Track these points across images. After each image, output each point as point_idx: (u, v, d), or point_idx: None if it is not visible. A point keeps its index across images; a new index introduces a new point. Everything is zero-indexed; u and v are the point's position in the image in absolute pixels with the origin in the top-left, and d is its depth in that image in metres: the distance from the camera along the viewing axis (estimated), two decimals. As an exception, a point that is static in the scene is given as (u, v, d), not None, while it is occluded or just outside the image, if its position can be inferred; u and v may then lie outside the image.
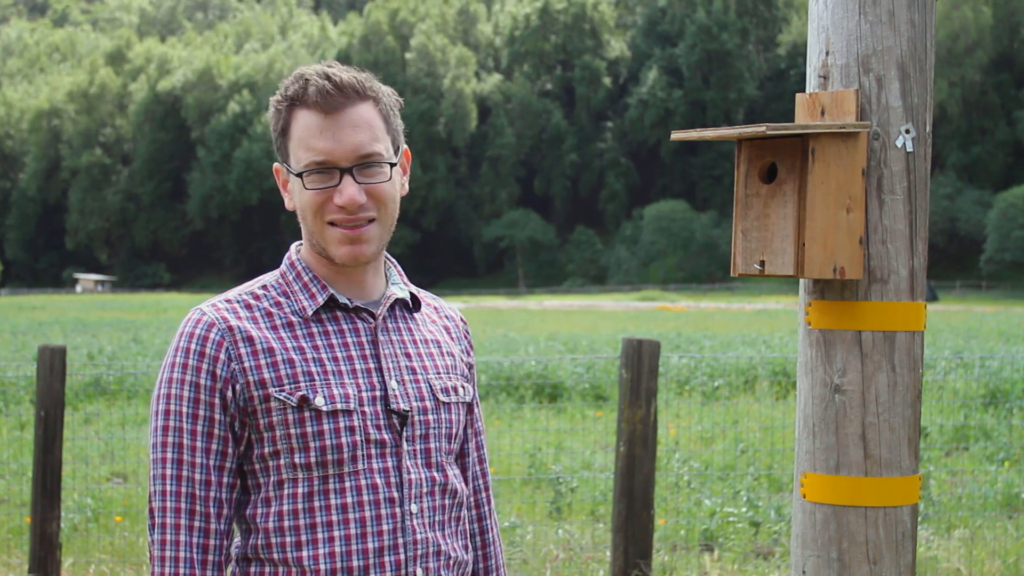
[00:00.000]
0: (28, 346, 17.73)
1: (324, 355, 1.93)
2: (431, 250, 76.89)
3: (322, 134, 1.90)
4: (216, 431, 1.89)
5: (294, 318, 1.95)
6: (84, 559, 6.20)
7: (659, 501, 7.10)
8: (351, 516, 1.89)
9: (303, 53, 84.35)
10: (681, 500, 7.44)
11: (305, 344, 1.93)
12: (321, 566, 1.87)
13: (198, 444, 1.88)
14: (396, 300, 2.04)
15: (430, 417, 1.98)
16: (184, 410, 1.88)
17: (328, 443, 1.88)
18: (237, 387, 1.89)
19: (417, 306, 2.09)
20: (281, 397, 1.88)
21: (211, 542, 1.88)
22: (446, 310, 2.17)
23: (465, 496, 2.07)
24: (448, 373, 2.05)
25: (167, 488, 1.88)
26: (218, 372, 1.89)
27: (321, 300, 1.96)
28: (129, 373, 11.10)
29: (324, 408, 1.89)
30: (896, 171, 1.83)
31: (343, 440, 1.89)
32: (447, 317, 2.15)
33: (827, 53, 1.87)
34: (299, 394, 1.88)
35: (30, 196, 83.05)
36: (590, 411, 11.05)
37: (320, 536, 1.88)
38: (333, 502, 1.89)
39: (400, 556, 1.90)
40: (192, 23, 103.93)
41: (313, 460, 1.88)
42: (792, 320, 30.42)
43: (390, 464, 1.92)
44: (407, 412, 1.95)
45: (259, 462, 1.91)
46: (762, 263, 1.84)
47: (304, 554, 1.88)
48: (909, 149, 1.84)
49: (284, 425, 1.88)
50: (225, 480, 1.90)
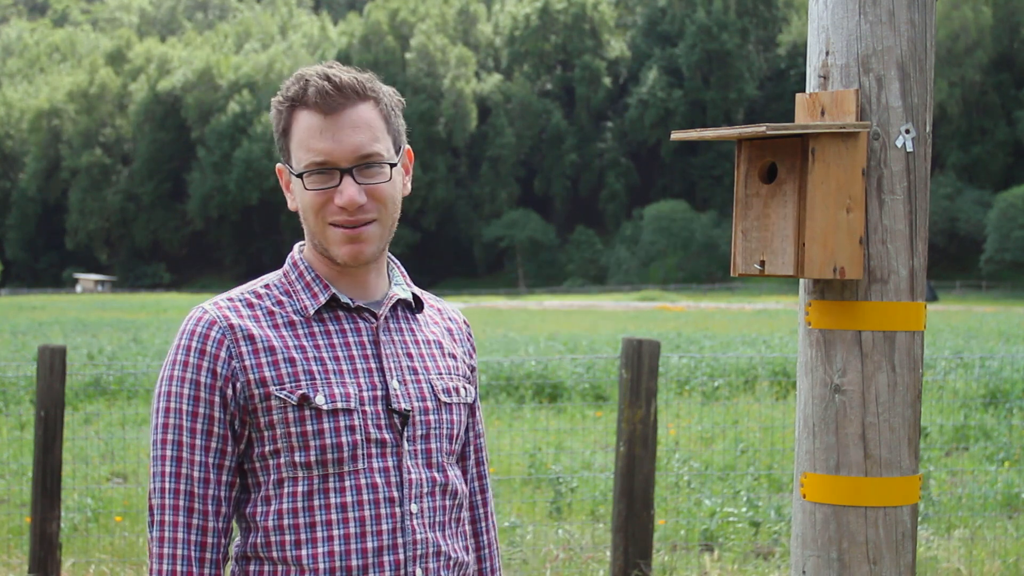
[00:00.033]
0: (28, 346, 17.73)
1: (325, 354, 1.93)
2: (431, 250, 76.86)
3: (322, 135, 1.90)
4: (216, 429, 1.89)
5: (296, 317, 1.95)
6: (84, 559, 6.20)
7: (659, 501, 7.09)
8: (351, 515, 1.89)
9: (303, 53, 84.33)
10: (681, 500, 7.44)
11: (306, 343, 1.93)
12: (320, 565, 1.87)
13: (197, 442, 1.88)
14: (398, 301, 2.04)
15: (431, 417, 1.98)
16: (184, 408, 1.89)
17: (328, 442, 1.88)
18: (238, 385, 1.89)
19: (419, 307, 2.08)
20: (281, 395, 1.88)
21: (209, 540, 1.88)
22: (449, 312, 2.17)
23: (465, 497, 2.07)
24: (450, 374, 2.05)
25: (166, 485, 1.88)
26: (219, 370, 1.89)
27: (323, 299, 1.96)
28: (129, 373, 11.10)
29: (324, 407, 1.89)
30: (896, 171, 1.83)
31: (343, 439, 1.89)
32: (450, 319, 2.15)
33: (827, 53, 1.87)
34: (300, 392, 1.88)
35: (30, 196, 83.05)
36: (590, 411, 11.04)
37: (319, 535, 1.88)
38: (333, 501, 1.89)
39: (400, 556, 1.90)
40: (192, 23, 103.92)
41: (313, 459, 1.88)
42: (792, 320, 30.41)
43: (390, 464, 1.92)
44: (408, 412, 1.95)
45: (259, 461, 1.91)
46: (762, 263, 1.84)
47: (303, 553, 1.88)
48: (909, 149, 1.84)
49: (284, 424, 1.88)
50: (224, 478, 1.90)
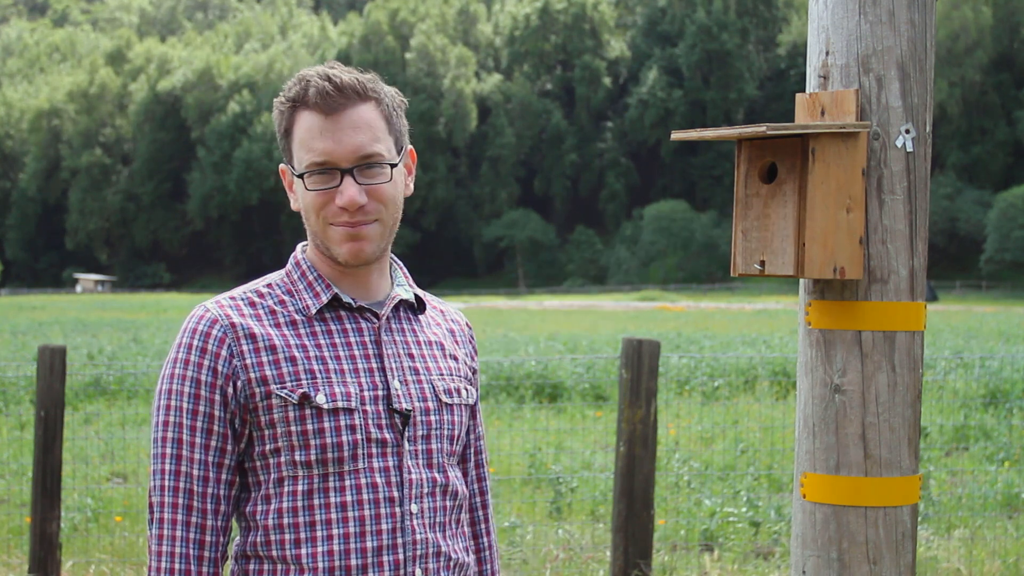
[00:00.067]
0: (28, 346, 17.72)
1: (327, 353, 1.93)
2: (431, 250, 76.86)
3: (322, 135, 1.90)
4: (216, 427, 1.89)
5: (298, 316, 1.95)
6: (84, 559, 6.20)
7: (659, 501, 7.09)
8: (350, 515, 1.89)
9: (303, 53, 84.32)
10: (681, 500, 7.44)
11: (308, 342, 1.93)
12: (319, 564, 1.87)
13: (197, 440, 1.89)
14: (401, 301, 2.04)
15: (432, 418, 1.98)
16: (184, 406, 1.89)
17: (328, 441, 1.88)
18: (238, 384, 1.89)
19: (422, 308, 2.08)
20: (282, 394, 1.88)
21: (208, 538, 1.89)
22: (452, 314, 2.17)
23: (465, 499, 2.07)
24: (451, 375, 2.05)
25: (165, 483, 1.89)
26: (219, 368, 1.89)
27: (325, 299, 1.96)
28: (129, 373, 11.10)
29: (325, 406, 1.89)
30: (896, 171, 1.83)
31: (343, 438, 1.89)
32: (452, 321, 2.15)
33: (827, 53, 1.87)
34: (300, 391, 1.89)
35: (30, 196, 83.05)
36: (590, 411, 11.04)
37: (319, 534, 1.88)
38: (333, 500, 1.89)
39: (399, 556, 1.90)
40: (192, 23, 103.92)
41: (313, 458, 1.88)
42: (792, 320, 30.41)
43: (391, 463, 1.92)
44: (409, 412, 1.95)
45: (260, 459, 1.92)
46: (762, 263, 1.84)
47: (303, 552, 1.88)
48: (909, 149, 1.84)
49: (285, 422, 1.88)
50: (224, 477, 1.90)
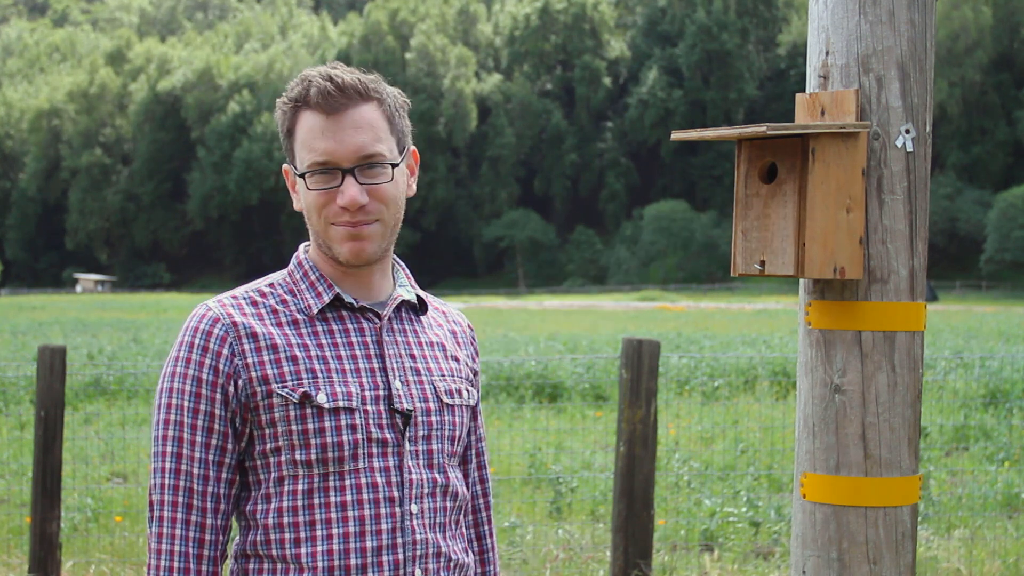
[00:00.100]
0: (28, 346, 17.72)
1: (328, 353, 1.93)
2: (431, 250, 76.86)
3: (324, 135, 1.91)
4: (216, 426, 1.90)
5: (299, 316, 1.96)
6: (84, 559, 6.20)
7: (659, 501, 7.10)
8: (350, 514, 1.89)
9: (303, 53, 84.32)
10: (681, 500, 7.44)
11: (309, 342, 1.93)
12: (319, 563, 1.87)
13: (197, 439, 1.89)
14: (402, 302, 2.04)
15: (433, 418, 1.98)
16: (185, 404, 1.90)
17: (329, 440, 1.89)
18: (239, 383, 1.90)
19: (424, 309, 2.09)
20: (283, 393, 1.89)
21: (207, 537, 1.89)
22: (454, 315, 2.17)
23: (466, 500, 2.07)
24: (452, 376, 2.05)
25: (165, 481, 1.89)
26: (220, 367, 1.90)
27: (327, 299, 1.96)
28: (129, 373, 11.10)
29: (326, 405, 1.89)
30: (896, 171, 1.83)
31: (344, 438, 1.89)
32: (454, 322, 2.16)
33: (827, 53, 1.87)
34: (301, 391, 1.89)
35: (30, 196, 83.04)
36: (590, 411, 11.04)
37: (319, 533, 1.88)
38: (333, 500, 1.89)
39: (399, 556, 1.90)
40: (192, 23, 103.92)
41: (314, 457, 1.89)
42: (792, 320, 30.41)
43: (391, 463, 1.92)
44: (410, 412, 1.95)
45: (260, 458, 1.92)
46: (762, 263, 1.84)
47: (302, 551, 1.88)
48: (909, 149, 1.84)
49: (286, 421, 1.89)
50: (224, 475, 1.91)
